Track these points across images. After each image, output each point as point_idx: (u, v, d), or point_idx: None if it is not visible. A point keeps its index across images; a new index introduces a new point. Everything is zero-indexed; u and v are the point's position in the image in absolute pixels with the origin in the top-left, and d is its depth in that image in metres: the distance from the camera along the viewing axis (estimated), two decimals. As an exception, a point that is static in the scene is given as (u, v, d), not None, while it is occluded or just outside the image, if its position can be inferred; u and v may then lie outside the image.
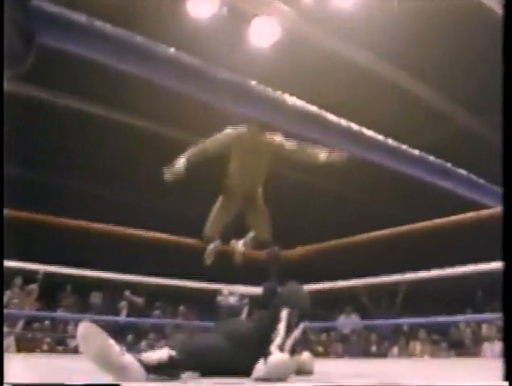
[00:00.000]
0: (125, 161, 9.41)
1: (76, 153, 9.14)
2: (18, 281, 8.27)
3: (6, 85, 0.67)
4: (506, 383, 1.11)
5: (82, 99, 8.17)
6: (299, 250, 4.93)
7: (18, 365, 2.99)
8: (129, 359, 1.84)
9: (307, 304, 2.36)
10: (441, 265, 4.59)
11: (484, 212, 3.80)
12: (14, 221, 3.90)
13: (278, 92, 0.91)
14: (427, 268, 4.70)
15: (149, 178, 9.35)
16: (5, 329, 6.85)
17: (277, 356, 2.03)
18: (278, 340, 2.11)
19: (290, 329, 2.17)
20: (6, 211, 0.87)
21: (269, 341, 2.12)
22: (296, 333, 2.18)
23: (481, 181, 1.24)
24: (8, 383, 1.02)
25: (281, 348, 2.08)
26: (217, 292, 3.65)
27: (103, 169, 9.52)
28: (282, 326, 2.16)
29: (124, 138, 8.90)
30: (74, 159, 9.33)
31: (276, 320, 2.19)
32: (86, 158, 9.27)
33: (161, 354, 1.96)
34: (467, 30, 6.34)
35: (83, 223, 4.87)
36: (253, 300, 2.66)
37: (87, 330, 1.84)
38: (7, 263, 3.76)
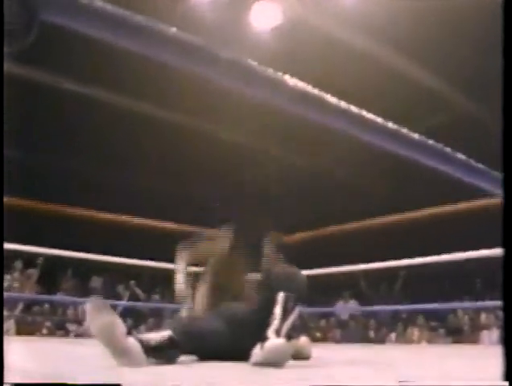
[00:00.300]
0: (131, 146, 9.37)
1: (79, 137, 9.10)
2: (19, 265, 8.28)
3: (8, 67, 0.67)
4: (506, 384, 1.11)
5: (87, 83, 8.11)
6: (300, 235, 4.93)
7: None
8: (131, 341, 1.86)
9: (303, 287, 2.35)
10: (441, 253, 4.60)
11: (483, 202, 3.81)
12: (15, 206, 3.91)
13: (279, 73, 0.91)
14: (427, 255, 4.72)
15: (154, 163, 9.36)
16: (4, 312, 6.87)
17: (273, 341, 2.02)
18: (274, 324, 2.11)
19: (286, 313, 2.16)
20: (6, 199, 0.87)
21: (267, 325, 2.12)
22: (292, 317, 2.18)
23: (481, 166, 1.24)
24: (8, 383, 1.02)
25: (277, 333, 2.08)
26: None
27: (108, 154, 9.48)
28: (278, 310, 2.16)
29: (129, 123, 8.86)
30: (78, 143, 9.27)
31: (273, 304, 2.19)
32: (91, 142, 9.22)
33: (161, 335, 1.98)
34: (466, 16, 6.29)
35: (84, 213, 4.88)
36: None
37: (97, 305, 1.87)
38: (8, 246, 3.75)
